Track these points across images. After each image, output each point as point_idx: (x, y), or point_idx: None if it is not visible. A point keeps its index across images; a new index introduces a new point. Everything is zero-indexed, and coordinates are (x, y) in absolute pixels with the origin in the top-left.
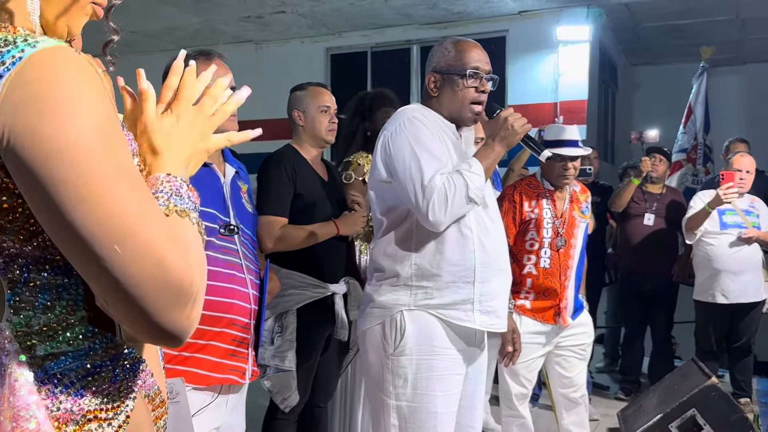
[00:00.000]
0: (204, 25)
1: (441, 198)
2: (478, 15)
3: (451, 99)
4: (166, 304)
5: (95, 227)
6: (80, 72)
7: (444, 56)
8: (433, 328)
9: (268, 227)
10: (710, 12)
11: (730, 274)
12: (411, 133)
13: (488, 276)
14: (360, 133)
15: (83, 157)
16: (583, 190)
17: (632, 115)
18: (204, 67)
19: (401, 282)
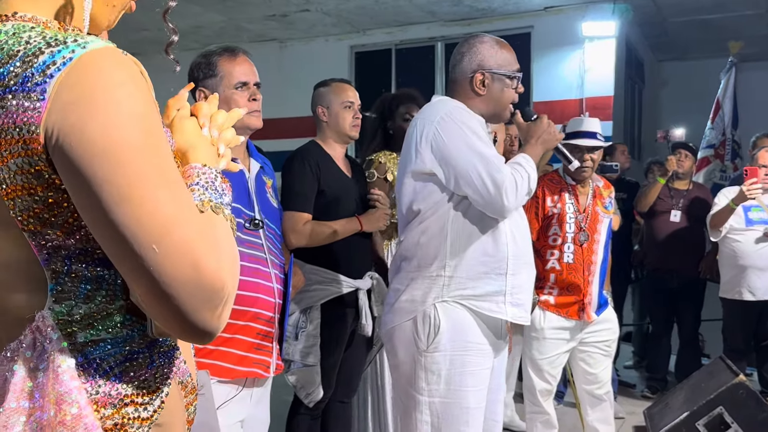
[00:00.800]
0: (229, 24)
1: (512, 185)
2: (502, 11)
3: (498, 98)
4: (198, 304)
5: (135, 226)
6: (127, 73)
7: (492, 56)
8: (467, 323)
9: (292, 223)
10: (739, 6)
11: (756, 270)
12: (463, 122)
13: (519, 268)
14: (381, 131)
15: (127, 157)
16: (607, 186)
17: (659, 112)
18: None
19: (434, 272)
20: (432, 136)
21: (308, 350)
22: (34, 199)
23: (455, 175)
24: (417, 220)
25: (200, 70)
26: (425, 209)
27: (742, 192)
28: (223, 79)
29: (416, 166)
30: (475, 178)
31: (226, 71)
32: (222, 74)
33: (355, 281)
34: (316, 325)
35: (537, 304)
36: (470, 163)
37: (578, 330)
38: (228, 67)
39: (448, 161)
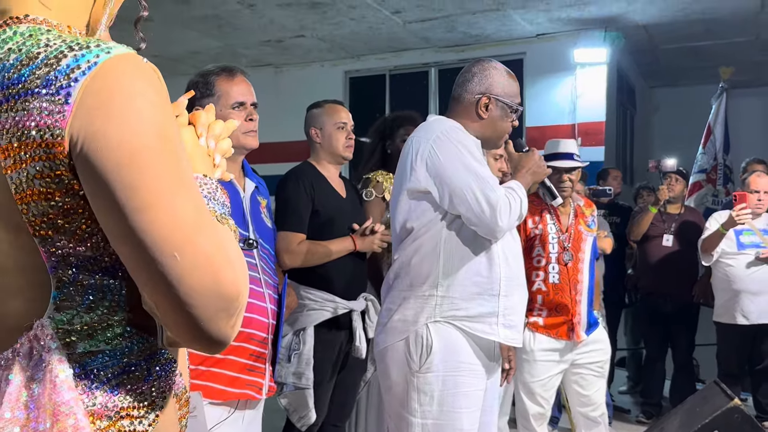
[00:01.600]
0: (225, 49)
1: (506, 206)
2: (495, 38)
3: (496, 125)
4: (215, 313)
5: (157, 233)
6: (149, 80)
7: (501, 83)
8: (459, 343)
9: (286, 243)
10: (729, 34)
11: (749, 294)
12: (459, 142)
13: (511, 290)
14: (379, 151)
15: (151, 163)
16: (588, 204)
17: (651, 138)
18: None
19: (426, 292)
20: (427, 154)
21: (301, 372)
22: (50, 205)
23: (449, 194)
24: (410, 238)
25: (197, 89)
26: (418, 228)
27: (732, 217)
28: (221, 99)
29: (411, 183)
30: (470, 196)
31: (223, 91)
32: (219, 93)
33: (349, 302)
34: (309, 347)
35: (526, 326)
36: (465, 182)
37: (569, 351)
38: (225, 86)
39: (442, 179)
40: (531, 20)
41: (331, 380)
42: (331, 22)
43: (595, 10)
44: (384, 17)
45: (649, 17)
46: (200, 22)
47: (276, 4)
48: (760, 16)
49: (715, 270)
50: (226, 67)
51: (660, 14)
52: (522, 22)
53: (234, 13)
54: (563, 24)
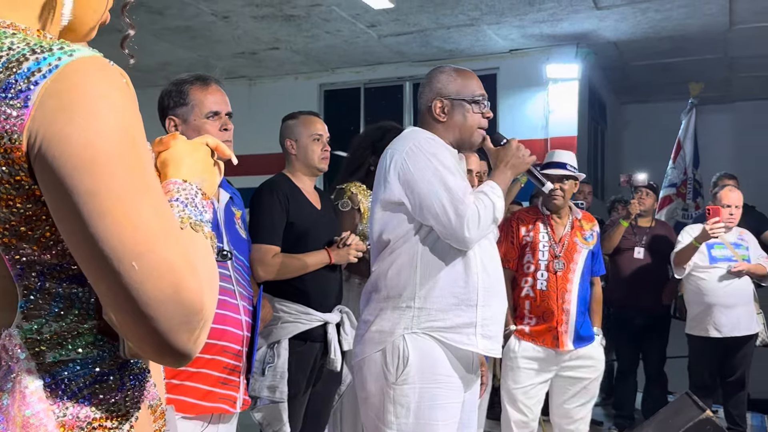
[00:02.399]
0: (198, 61)
1: (474, 216)
2: (469, 53)
3: (461, 124)
4: (177, 325)
5: (116, 241)
6: (114, 84)
7: (450, 82)
8: (436, 355)
9: (260, 255)
10: (699, 51)
11: (721, 307)
12: (430, 152)
13: (490, 299)
14: (365, 167)
15: (112, 169)
16: (589, 219)
17: (621, 153)
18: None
19: (404, 303)
20: (400, 165)
21: (275, 386)
22: (11, 211)
23: (420, 205)
24: (387, 250)
25: (171, 98)
26: (395, 239)
27: (705, 231)
28: (194, 108)
29: (385, 195)
30: (438, 208)
31: (197, 100)
32: (193, 103)
33: (323, 315)
34: (283, 360)
35: (513, 333)
36: (434, 193)
37: (554, 360)
38: (199, 95)
39: (414, 191)
40: (504, 36)
41: (306, 393)
42: (306, 35)
43: (567, 26)
44: (359, 31)
45: (620, 34)
46: (173, 33)
47: (250, 16)
48: (728, 34)
49: (688, 283)
50: (200, 76)
51: (630, 31)
52: (495, 38)
53: (208, 25)
54: (536, 40)
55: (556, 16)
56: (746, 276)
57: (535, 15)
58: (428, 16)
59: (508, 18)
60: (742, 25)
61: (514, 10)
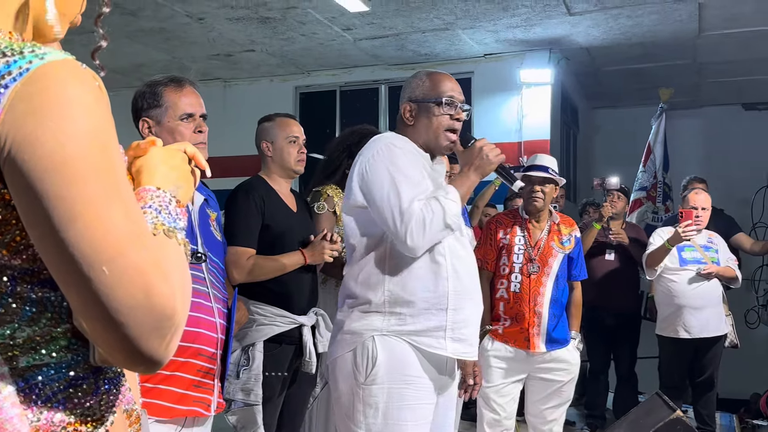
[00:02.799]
0: (172, 62)
1: (419, 223)
2: (444, 57)
3: (427, 127)
4: (147, 332)
5: (86, 246)
6: (85, 87)
7: (419, 86)
8: (406, 356)
9: (235, 258)
10: (668, 57)
11: (691, 309)
12: (389, 158)
13: (461, 303)
14: (341, 170)
15: (82, 174)
16: (569, 223)
17: (593, 156)
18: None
19: (373, 308)
20: (363, 171)
21: (250, 389)
22: None
23: (374, 212)
24: (356, 254)
25: (144, 100)
26: (363, 243)
27: (678, 233)
28: (168, 110)
29: (350, 201)
30: (388, 216)
31: (171, 102)
32: (167, 105)
33: (298, 317)
34: (258, 363)
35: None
36: (386, 201)
37: (525, 361)
38: (173, 97)
39: (369, 198)
40: (479, 40)
41: (281, 396)
42: (282, 37)
43: (540, 31)
44: (335, 34)
45: (592, 40)
46: (147, 34)
47: (225, 18)
48: (697, 41)
49: (658, 285)
50: (174, 78)
51: (602, 37)
52: (470, 42)
53: (182, 26)
54: (510, 45)
55: (530, 21)
56: (715, 278)
57: (508, 20)
58: (404, 19)
59: (482, 23)
60: (710, 31)
61: (488, 15)
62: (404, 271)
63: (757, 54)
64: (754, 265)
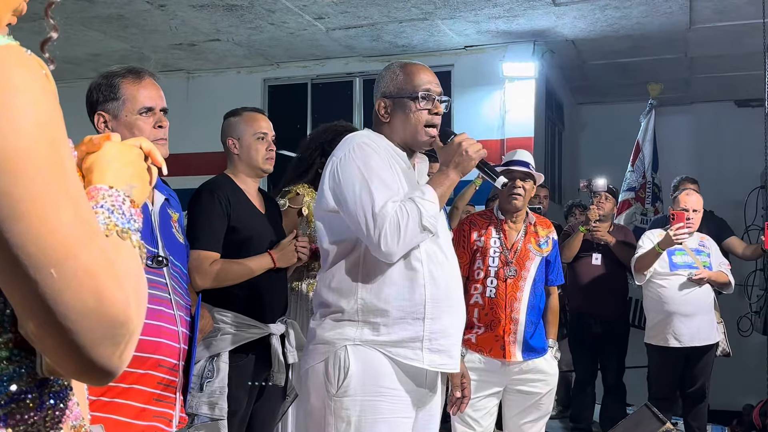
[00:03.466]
0: (131, 52)
1: (393, 227)
2: (422, 48)
3: (404, 123)
4: (98, 339)
5: (32, 246)
6: (32, 75)
7: (393, 80)
8: (380, 366)
9: (198, 263)
10: (658, 50)
11: (681, 316)
12: (361, 159)
13: (439, 312)
14: (314, 168)
15: (29, 168)
16: (545, 225)
17: (579, 155)
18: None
19: (347, 316)
20: (333, 173)
21: (214, 402)
22: None
23: (346, 215)
24: (330, 260)
25: (100, 92)
26: (337, 249)
27: (669, 236)
28: (126, 103)
29: (323, 203)
30: (361, 219)
31: (129, 94)
32: (125, 97)
33: (267, 326)
34: (223, 375)
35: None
36: (358, 204)
37: (501, 372)
38: (132, 89)
39: (340, 201)
40: (459, 31)
41: (248, 410)
42: (249, 26)
43: (523, 22)
44: (306, 23)
45: (578, 32)
46: (104, 22)
47: (189, 5)
48: (688, 34)
49: (647, 291)
50: (132, 69)
51: (589, 29)
52: (450, 33)
53: (142, 13)
54: (492, 36)
55: (513, 12)
56: (707, 284)
57: (490, 10)
58: (379, 8)
59: (462, 13)
60: (702, 24)
61: (468, 5)
62: (378, 278)
63: (750, 48)
64: (746, 270)
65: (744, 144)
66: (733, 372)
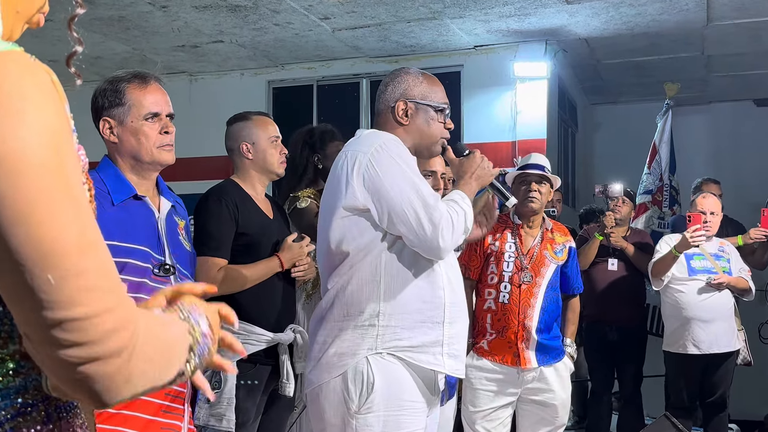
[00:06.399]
0: (133, 54)
1: (449, 223)
2: (431, 48)
3: (423, 130)
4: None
5: (31, 251)
6: (38, 82)
7: (417, 85)
8: (402, 379)
9: (206, 270)
10: (674, 48)
11: (700, 322)
12: (398, 155)
13: (456, 316)
14: (311, 166)
15: (29, 171)
16: (563, 232)
17: (593, 157)
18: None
19: (366, 321)
20: (365, 168)
21: (222, 414)
22: None
23: (389, 212)
24: (347, 263)
25: (105, 98)
26: (356, 251)
27: (686, 239)
28: (132, 109)
29: (347, 201)
30: (411, 215)
31: (135, 100)
32: (130, 103)
33: (275, 335)
34: (230, 386)
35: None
36: (406, 200)
37: (515, 381)
38: (137, 95)
39: (381, 196)
40: (469, 31)
41: (256, 421)
42: (253, 27)
43: (535, 21)
44: (311, 23)
45: (592, 30)
46: (105, 23)
47: (192, 6)
48: (706, 31)
49: (665, 296)
50: (138, 74)
51: (602, 27)
52: (459, 33)
53: (144, 15)
54: (502, 35)
55: (524, 10)
56: (727, 289)
57: (501, 9)
58: (386, 8)
59: (472, 12)
60: (720, 21)
61: (478, 4)
62: (400, 281)
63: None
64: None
65: (764, 144)
66: (755, 380)
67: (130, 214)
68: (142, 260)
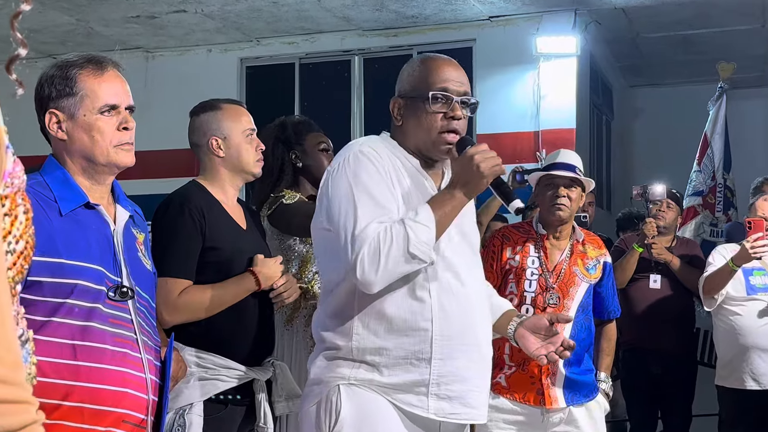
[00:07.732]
0: (77, 27)
1: (371, 252)
2: (437, 20)
3: (416, 128)
4: None
5: None
6: None
7: (410, 76)
8: (378, 409)
9: (164, 294)
10: (729, 20)
11: (760, 351)
12: (353, 171)
13: (451, 351)
14: (288, 164)
15: None
16: (597, 245)
17: (632, 150)
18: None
19: (342, 354)
20: (326, 185)
21: None
22: None
23: (333, 234)
24: (326, 288)
25: (53, 86)
26: (331, 275)
27: (745, 249)
28: (85, 100)
29: (318, 220)
30: (341, 239)
31: (88, 89)
32: (83, 93)
33: (249, 369)
34: (196, 430)
35: None
36: (340, 222)
37: (540, 422)
38: (92, 83)
39: (330, 218)
40: None
41: None
42: None
43: None
44: None
45: None
46: None
47: None
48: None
49: (718, 320)
50: (92, 58)
51: None
52: (471, 1)
53: None
54: (523, 4)
55: None
56: None
57: None
58: None
59: None
60: None
61: None
62: (375, 310)
63: None
64: None
65: None
66: None
67: (80, 226)
68: (94, 282)
